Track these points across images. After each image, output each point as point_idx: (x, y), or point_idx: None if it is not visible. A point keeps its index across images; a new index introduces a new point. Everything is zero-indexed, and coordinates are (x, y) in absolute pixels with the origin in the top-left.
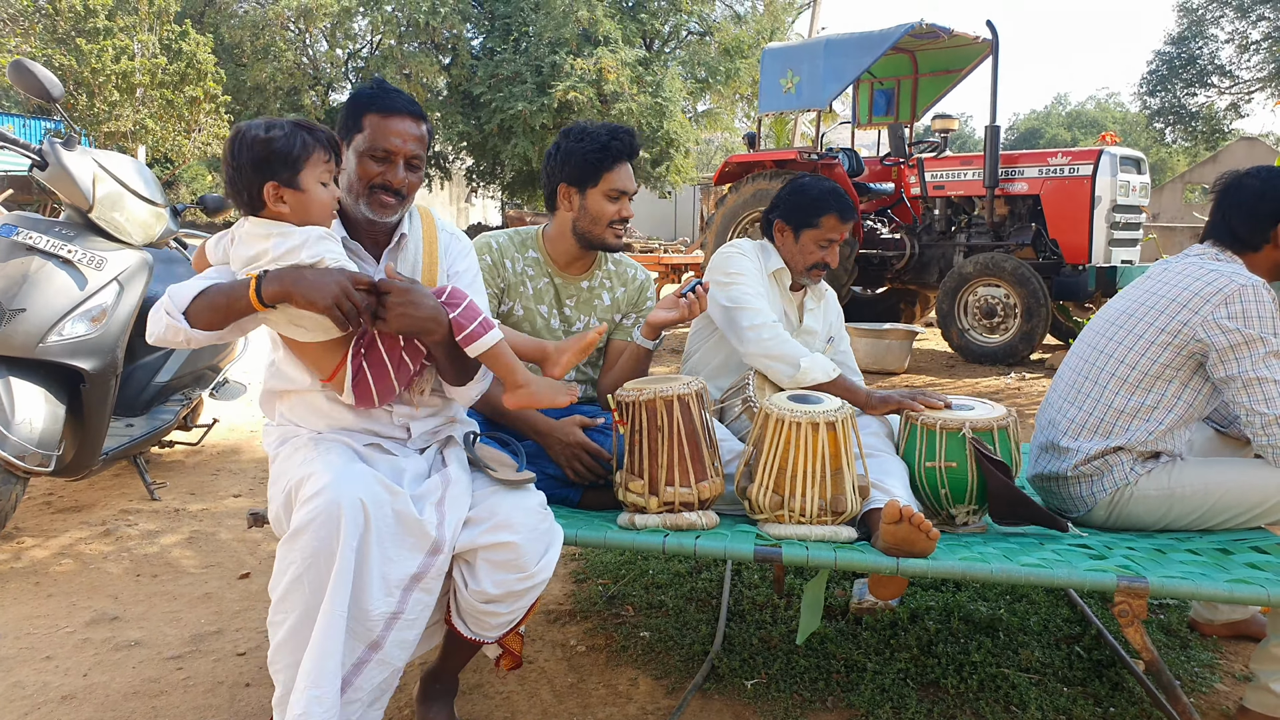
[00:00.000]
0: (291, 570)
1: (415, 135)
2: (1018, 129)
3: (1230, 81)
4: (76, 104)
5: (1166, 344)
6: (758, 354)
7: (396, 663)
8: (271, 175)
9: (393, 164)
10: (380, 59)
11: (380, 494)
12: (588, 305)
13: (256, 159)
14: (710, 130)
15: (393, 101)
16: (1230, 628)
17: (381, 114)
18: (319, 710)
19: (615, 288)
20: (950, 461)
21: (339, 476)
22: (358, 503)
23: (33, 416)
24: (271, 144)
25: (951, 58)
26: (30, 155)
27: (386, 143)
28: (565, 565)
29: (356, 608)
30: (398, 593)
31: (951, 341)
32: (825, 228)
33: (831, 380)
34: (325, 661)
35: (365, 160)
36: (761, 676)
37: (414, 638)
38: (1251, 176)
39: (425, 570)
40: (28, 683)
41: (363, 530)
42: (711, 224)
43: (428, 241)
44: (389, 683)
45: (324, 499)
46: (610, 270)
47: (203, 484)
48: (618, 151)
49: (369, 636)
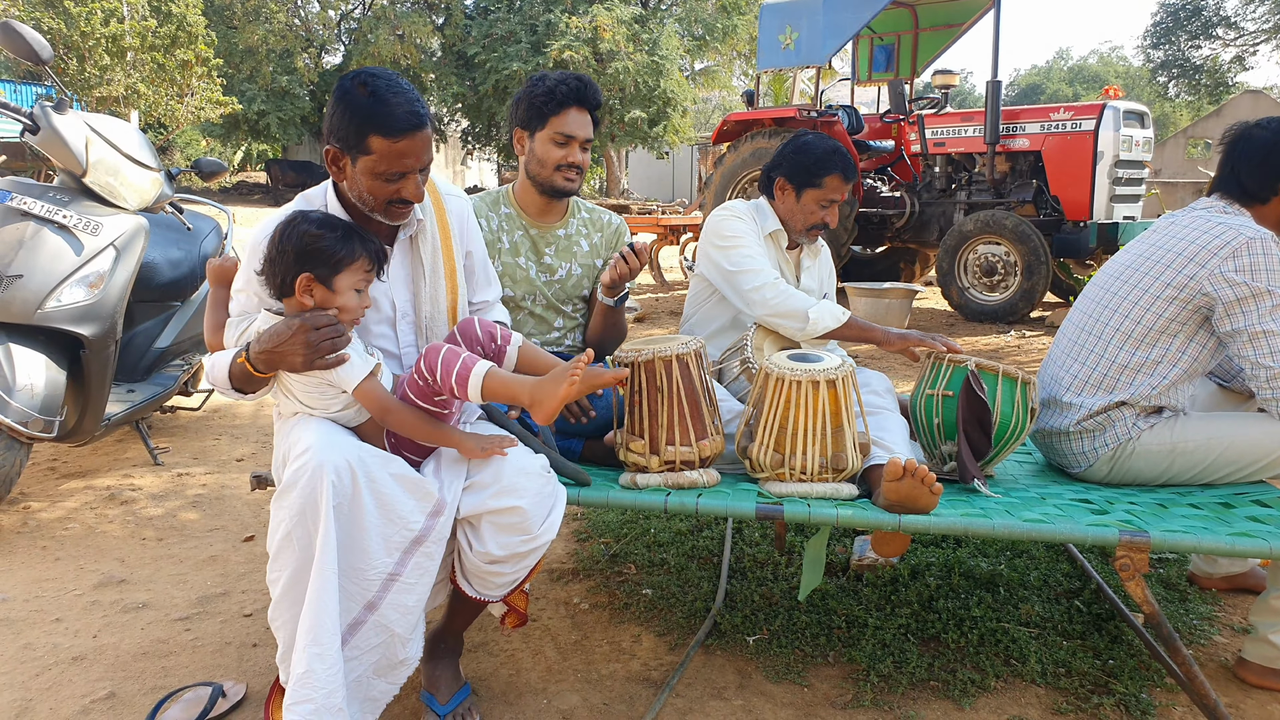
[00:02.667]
0: (282, 528)
1: (427, 142)
2: (1019, 84)
3: (1235, 33)
4: (67, 68)
5: (1172, 298)
6: (766, 315)
7: (395, 628)
8: (310, 268)
9: (408, 179)
10: (373, 19)
11: (370, 458)
12: (567, 252)
13: (302, 249)
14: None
15: (397, 120)
16: (1229, 581)
17: (389, 138)
18: (320, 667)
19: (592, 234)
20: (948, 390)
21: (324, 439)
22: (344, 463)
23: (34, 383)
24: (321, 240)
25: (952, 12)
26: (22, 119)
27: (400, 165)
28: (568, 525)
29: (350, 567)
30: (397, 554)
31: (952, 300)
32: (828, 187)
33: (844, 324)
34: (321, 617)
35: (377, 181)
36: (763, 632)
37: (413, 603)
38: (1261, 128)
39: (426, 533)
40: (38, 644)
41: (350, 492)
42: (710, 184)
43: (442, 226)
44: (391, 650)
45: (308, 458)
46: (585, 219)
47: (205, 448)
48: (563, 95)
49: (365, 596)
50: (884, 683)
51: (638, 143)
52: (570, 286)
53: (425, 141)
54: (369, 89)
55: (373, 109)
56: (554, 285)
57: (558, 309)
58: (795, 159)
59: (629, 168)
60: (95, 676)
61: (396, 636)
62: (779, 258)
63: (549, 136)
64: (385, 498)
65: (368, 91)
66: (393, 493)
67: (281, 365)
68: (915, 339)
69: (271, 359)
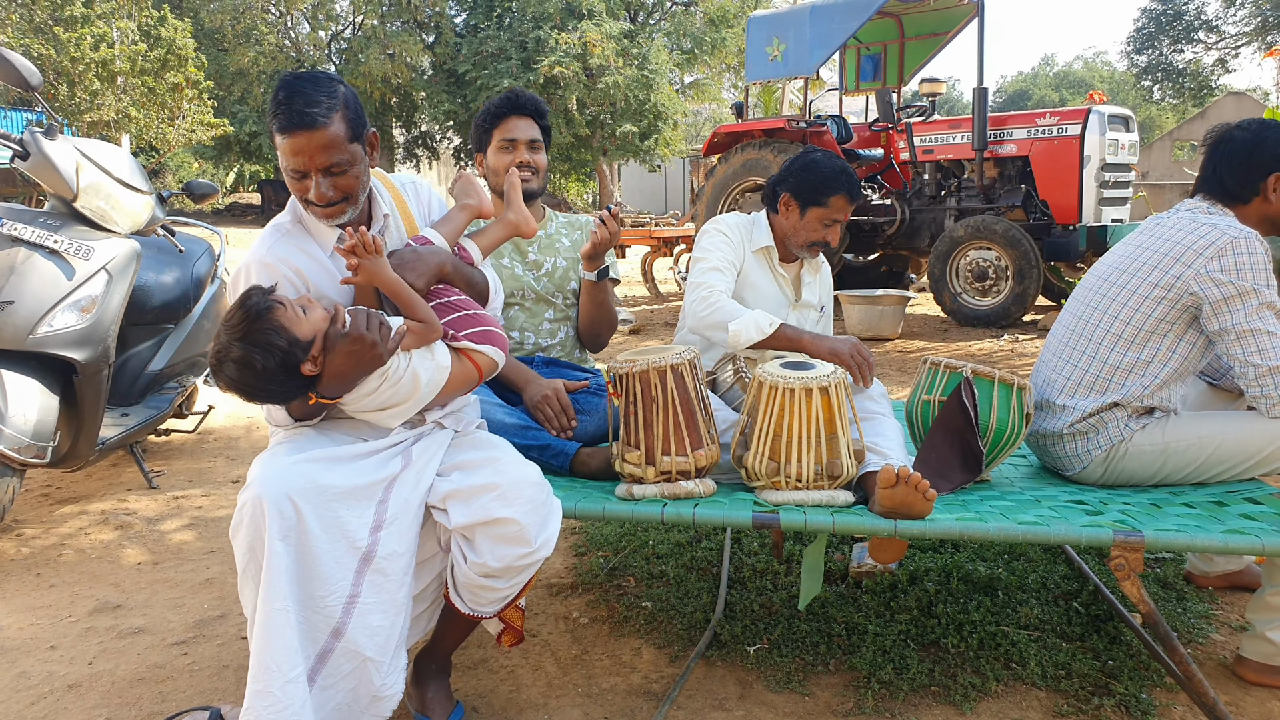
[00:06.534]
0: (240, 563)
1: (321, 145)
2: (1005, 91)
3: (1217, 36)
4: (57, 94)
5: (1160, 298)
6: (695, 328)
7: (365, 651)
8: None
9: (309, 179)
10: (363, 39)
11: (311, 485)
12: (550, 249)
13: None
14: (698, 101)
15: (288, 118)
16: (1226, 579)
17: (282, 134)
18: (260, 705)
19: (572, 233)
20: (943, 396)
21: (266, 472)
22: (283, 495)
23: (27, 409)
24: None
25: (937, 20)
26: (11, 146)
27: (294, 163)
28: (565, 539)
29: (310, 596)
30: (351, 574)
31: (944, 305)
32: (833, 207)
33: (771, 335)
34: (264, 657)
35: (289, 178)
36: (764, 642)
37: (379, 623)
38: (1242, 129)
39: (372, 549)
40: (33, 672)
41: (294, 522)
42: (702, 196)
43: (405, 217)
44: (366, 678)
45: (251, 493)
46: (563, 221)
47: (201, 470)
48: (498, 108)
49: (329, 624)
50: (885, 689)
51: (630, 156)
52: (558, 278)
53: (319, 143)
54: (281, 89)
55: (275, 107)
56: (542, 279)
57: (548, 300)
58: (802, 176)
59: (621, 181)
60: (91, 704)
61: (369, 662)
62: (772, 274)
63: (496, 147)
64: (329, 520)
65: (280, 91)
66: (335, 513)
67: (358, 371)
68: (845, 353)
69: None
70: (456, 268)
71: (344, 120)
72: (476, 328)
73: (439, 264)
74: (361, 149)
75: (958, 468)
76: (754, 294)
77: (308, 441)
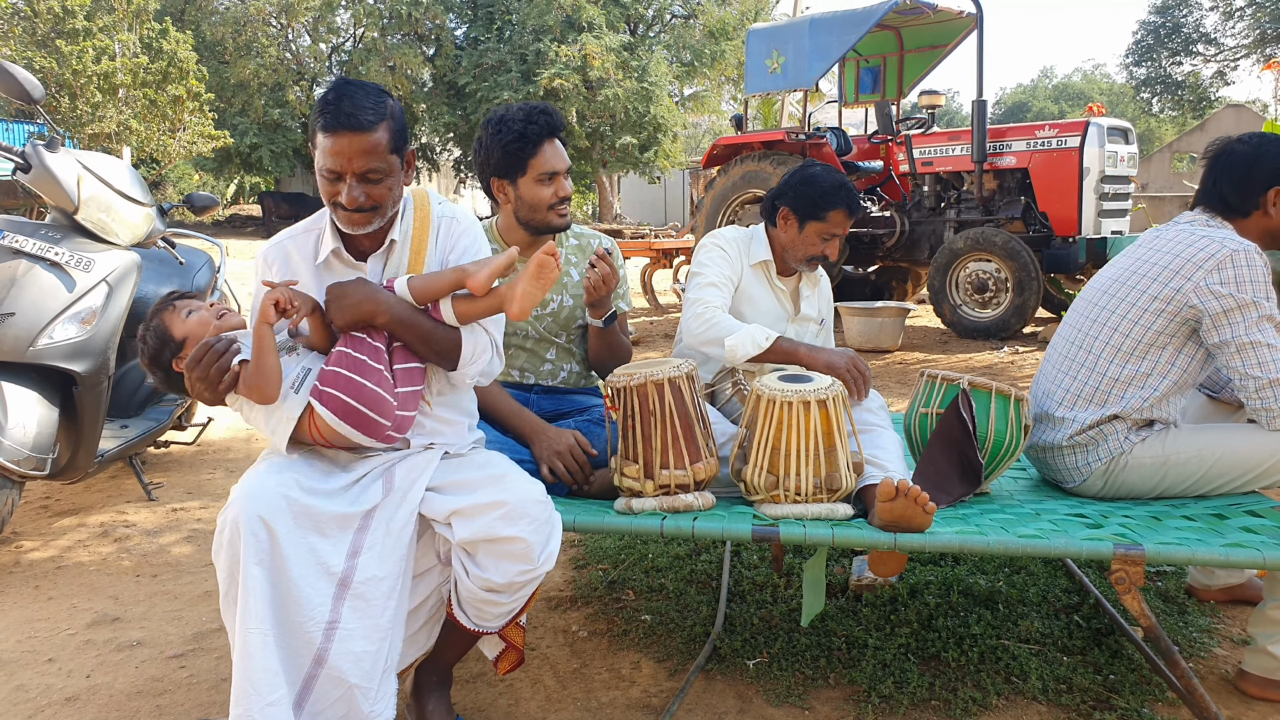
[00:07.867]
0: (222, 585)
1: (362, 149)
2: (1004, 103)
3: (1216, 49)
4: (59, 106)
5: (1160, 311)
6: (691, 346)
7: (350, 678)
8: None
9: (343, 182)
10: (363, 52)
11: (286, 508)
12: (557, 284)
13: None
14: (697, 114)
15: (334, 117)
16: (1227, 592)
17: (325, 132)
18: None
19: (581, 263)
20: (941, 409)
21: (245, 489)
22: (256, 520)
23: (26, 421)
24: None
25: (936, 33)
26: (13, 158)
27: (331, 163)
28: (565, 552)
29: (290, 622)
30: (329, 600)
31: (944, 318)
32: (832, 222)
33: (769, 348)
34: (244, 681)
35: (322, 179)
36: (763, 656)
37: (362, 650)
38: (1242, 143)
39: (349, 574)
40: (31, 685)
41: (269, 547)
42: (701, 208)
43: (416, 238)
44: (353, 706)
45: (230, 514)
46: (574, 245)
47: (200, 483)
48: (536, 135)
49: (311, 650)
50: (885, 704)
51: (629, 168)
52: (563, 319)
53: (360, 146)
54: (332, 90)
55: (322, 106)
56: (545, 319)
57: (550, 340)
58: (801, 190)
59: (621, 193)
60: (89, 717)
61: (355, 689)
62: (770, 288)
63: (534, 180)
64: (301, 546)
65: (330, 92)
66: (308, 539)
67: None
68: (841, 366)
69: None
70: (399, 320)
71: (388, 130)
72: (336, 390)
73: (368, 311)
74: (399, 162)
75: (956, 480)
76: (752, 308)
77: (292, 462)
